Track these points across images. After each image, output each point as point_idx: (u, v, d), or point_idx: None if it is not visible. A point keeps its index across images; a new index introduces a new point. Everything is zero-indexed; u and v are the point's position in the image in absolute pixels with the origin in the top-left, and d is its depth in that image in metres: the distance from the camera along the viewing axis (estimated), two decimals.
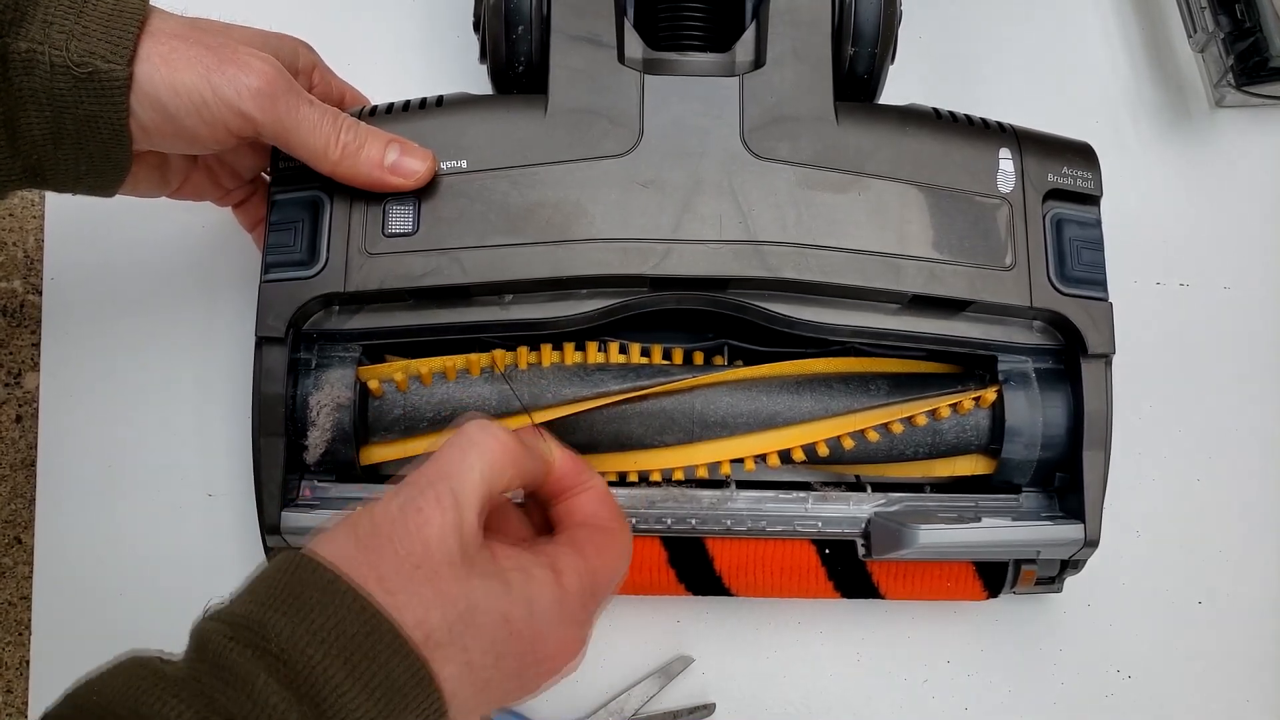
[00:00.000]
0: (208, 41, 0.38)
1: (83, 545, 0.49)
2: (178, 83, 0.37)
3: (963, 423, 0.44)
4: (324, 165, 0.41)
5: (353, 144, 0.41)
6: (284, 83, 0.39)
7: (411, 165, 0.42)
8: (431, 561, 0.31)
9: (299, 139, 0.40)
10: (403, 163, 0.42)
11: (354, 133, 0.41)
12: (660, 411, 0.44)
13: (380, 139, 0.41)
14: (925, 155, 0.43)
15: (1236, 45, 0.51)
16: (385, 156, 0.41)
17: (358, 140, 0.41)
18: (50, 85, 0.36)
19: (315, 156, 0.41)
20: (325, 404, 0.42)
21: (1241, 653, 0.50)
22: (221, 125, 0.39)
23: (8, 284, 0.52)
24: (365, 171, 0.41)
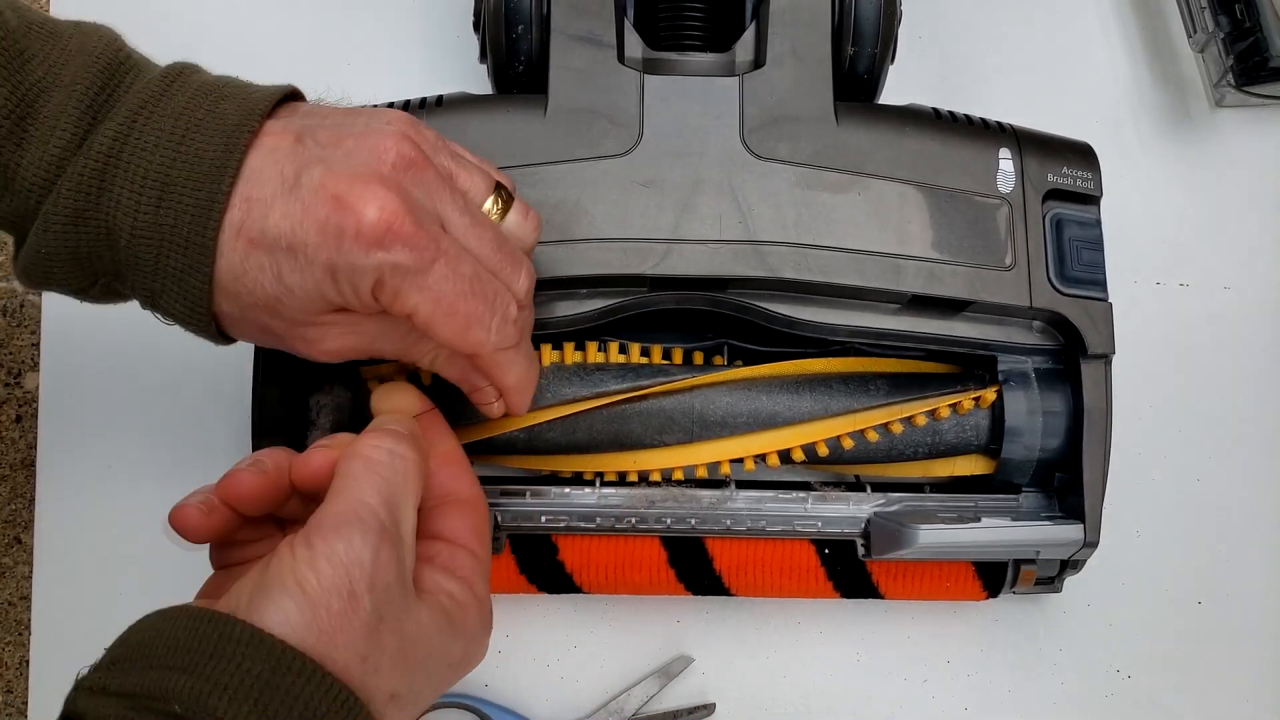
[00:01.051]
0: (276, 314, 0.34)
1: (83, 545, 0.49)
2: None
3: (962, 423, 0.44)
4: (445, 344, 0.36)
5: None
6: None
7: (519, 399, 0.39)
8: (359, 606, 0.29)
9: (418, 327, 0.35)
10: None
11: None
12: (660, 411, 0.44)
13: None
14: (925, 155, 0.43)
15: (1236, 45, 0.51)
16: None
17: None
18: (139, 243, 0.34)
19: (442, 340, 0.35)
20: (325, 404, 0.42)
21: (1241, 653, 0.50)
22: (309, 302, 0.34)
23: (8, 284, 0.52)
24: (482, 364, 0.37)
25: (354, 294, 0.33)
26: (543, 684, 0.48)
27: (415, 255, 0.33)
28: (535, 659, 0.49)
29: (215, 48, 0.54)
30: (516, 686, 0.48)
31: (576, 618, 0.49)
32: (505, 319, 0.35)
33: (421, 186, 0.34)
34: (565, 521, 0.44)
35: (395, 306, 0.33)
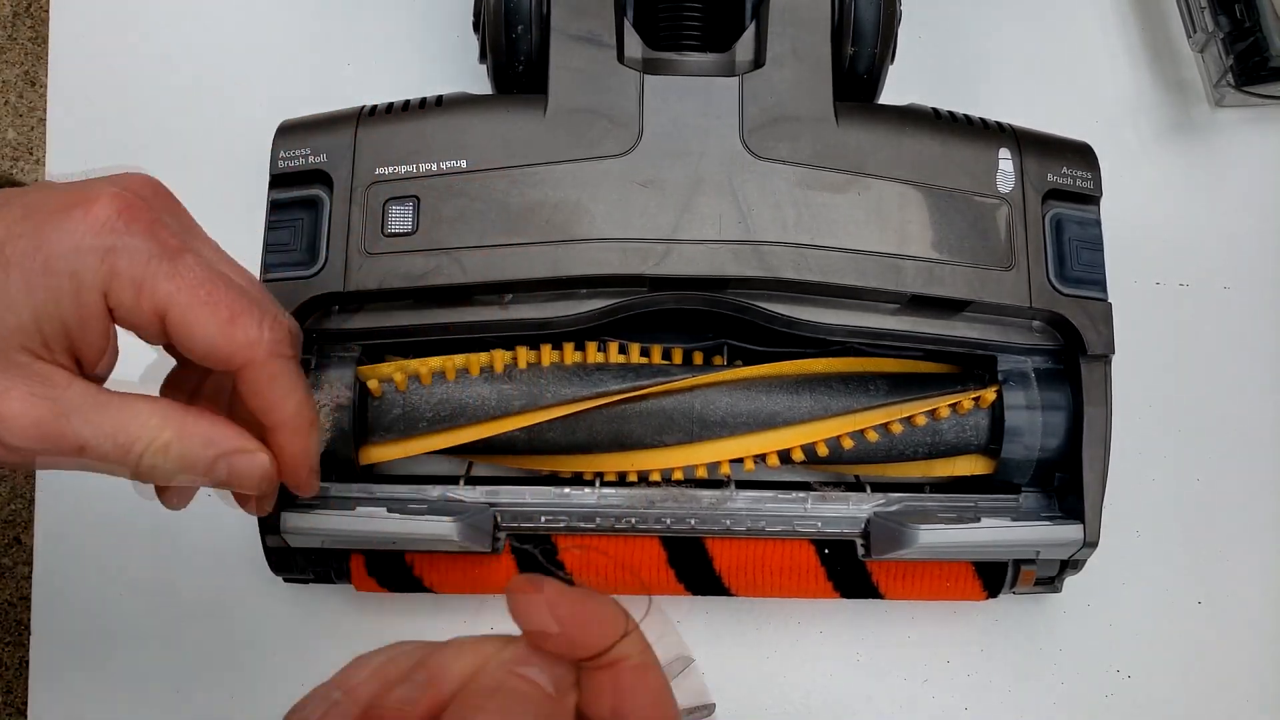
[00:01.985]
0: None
1: (83, 545, 0.49)
2: None
3: (962, 423, 0.44)
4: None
5: (157, 469, 0.31)
6: (42, 435, 0.29)
7: (247, 473, 0.32)
8: None
9: (92, 469, 0.31)
10: (235, 474, 0.33)
11: (161, 459, 0.31)
12: (660, 411, 0.44)
13: (199, 460, 0.32)
14: (925, 155, 0.44)
15: (1236, 45, 0.51)
16: (215, 471, 0.32)
17: (163, 467, 0.31)
18: None
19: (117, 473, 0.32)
20: (325, 404, 0.42)
21: (1241, 653, 0.50)
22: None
23: None
24: (201, 483, 0.32)
25: (75, 302, 0.28)
26: None
27: (157, 242, 0.29)
28: None
29: (215, 48, 0.54)
30: None
31: None
32: (278, 322, 0.31)
33: (166, 213, 0.31)
34: (565, 521, 0.44)
35: (142, 303, 0.29)
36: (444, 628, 0.49)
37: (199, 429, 0.31)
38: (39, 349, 0.30)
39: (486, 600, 0.49)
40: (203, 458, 0.31)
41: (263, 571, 0.46)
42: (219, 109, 0.53)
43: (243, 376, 0.32)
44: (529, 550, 0.44)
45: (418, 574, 0.45)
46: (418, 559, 0.45)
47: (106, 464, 0.30)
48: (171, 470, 0.31)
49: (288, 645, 0.49)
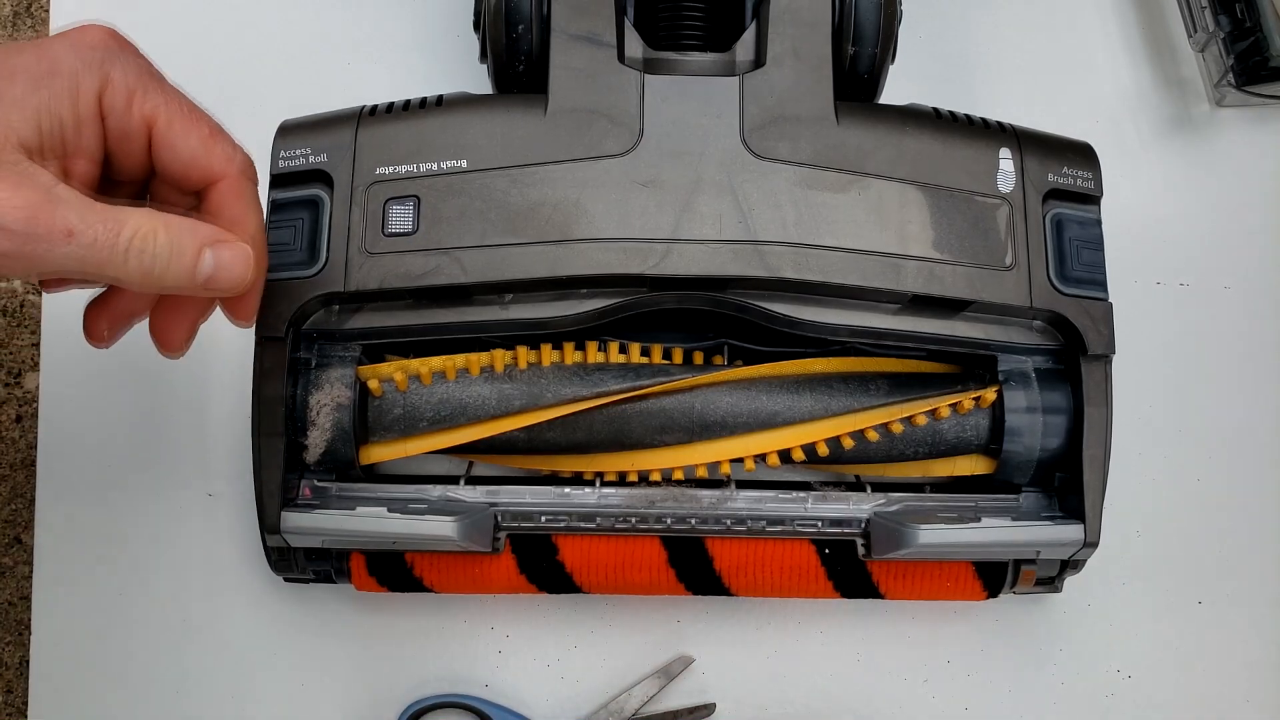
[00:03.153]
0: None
1: (83, 545, 0.49)
2: None
3: (963, 423, 0.44)
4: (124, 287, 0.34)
5: (152, 263, 0.32)
6: (30, 232, 0.30)
7: (231, 276, 0.34)
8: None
9: (79, 272, 0.32)
10: (219, 277, 0.34)
11: (150, 243, 0.32)
12: (660, 411, 0.44)
13: (188, 247, 0.33)
14: (925, 155, 0.43)
15: (1237, 45, 0.51)
16: (198, 270, 0.33)
17: (158, 255, 0.32)
18: None
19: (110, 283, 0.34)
20: (325, 403, 0.42)
21: (1241, 653, 0.50)
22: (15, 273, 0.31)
23: (8, 284, 0.52)
24: (175, 289, 0.34)
25: (73, 102, 0.32)
26: (543, 684, 0.48)
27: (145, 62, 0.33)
28: (535, 659, 0.49)
29: (215, 48, 0.54)
30: (516, 686, 0.48)
31: (576, 618, 0.49)
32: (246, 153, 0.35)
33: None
34: (565, 521, 0.44)
35: (133, 110, 0.32)
36: (444, 628, 0.49)
37: (184, 222, 0.33)
38: (33, 151, 0.32)
39: (487, 600, 0.49)
40: (190, 245, 0.33)
41: (263, 571, 0.46)
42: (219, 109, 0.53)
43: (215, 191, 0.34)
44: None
45: (418, 574, 0.45)
46: (418, 559, 0.45)
47: (95, 254, 0.31)
48: (160, 261, 0.32)
49: (288, 645, 0.49)
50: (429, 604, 0.49)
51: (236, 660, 0.48)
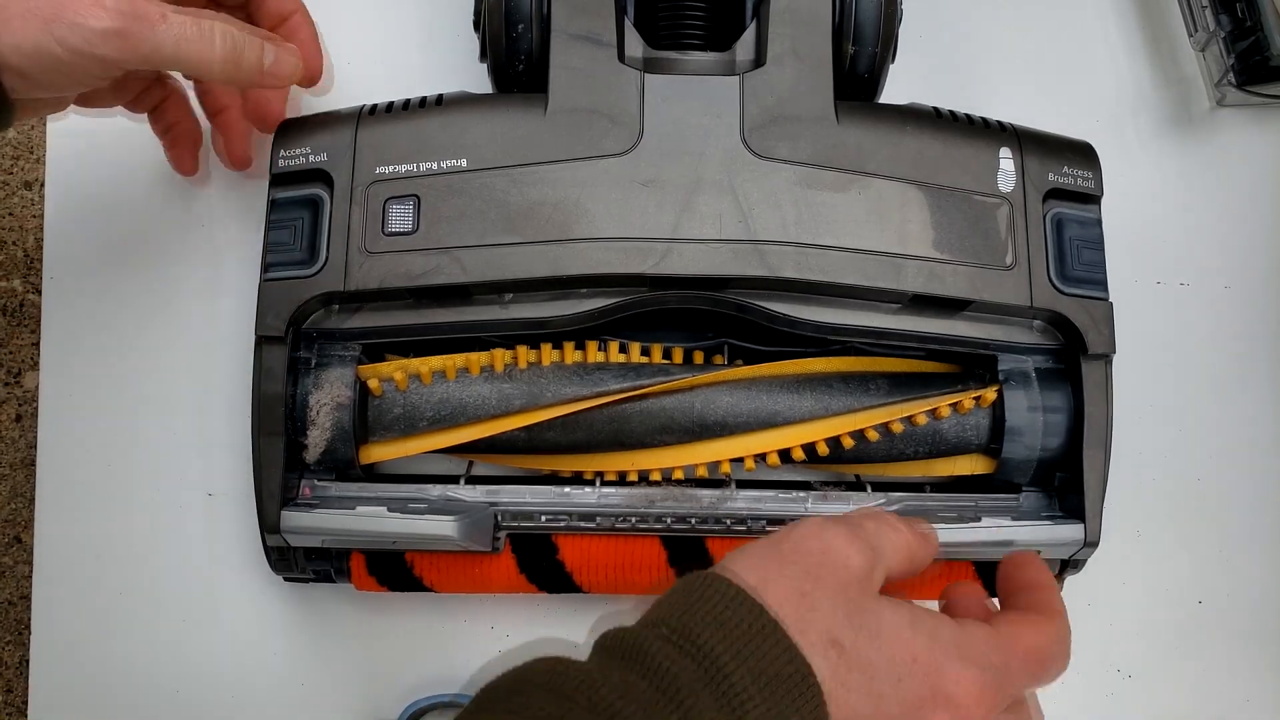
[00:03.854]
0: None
1: (83, 545, 0.49)
2: (21, 43, 0.35)
3: (963, 422, 0.44)
4: (208, 75, 0.39)
5: (233, 50, 0.39)
6: (130, 9, 0.36)
7: (287, 67, 0.41)
8: (847, 588, 0.32)
9: (172, 60, 0.38)
10: (281, 63, 0.41)
11: (230, 36, 0.39)
12: (660, 411, 0.44)
13: (255, 39, 0.40)
14: (926, 154, 0.43)
15: (1237, 44, 0.51)
16: (264, 58, 0.40)
17: (236, 43, 0.39)
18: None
19: (199, 69, 0.39)
20: (325, 403, 0.42)
21: (1241, 653, 0.50)
22: (84, 73, 0.36)
23: (8, 283, 0.52)
24: (248, 75, 0.40)
25: None
26: None
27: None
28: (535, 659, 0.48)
29: None
30: None
31: (577, 618, 0.49)
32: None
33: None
34: (565, 521, 0.44)
35: None
36: (444, 628, 0.49)
37: (244, 24, 0.40)
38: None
39: (487, 600, 0.49)
40: (253, 40, 0.40)
41: (263, 571, 0.46)
42: None
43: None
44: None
45: (418, 573, 0.45)
46: (418, 558, 0.45)
47: (186, 37, 0.37)
48: (239, 47, 0.39)
49: (288, 645, 0.49)
50: (429, 604, 0.48)
51: (236, 660, 0.48)
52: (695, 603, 0.31)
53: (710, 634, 0.29)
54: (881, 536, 0.34)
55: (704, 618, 0.30)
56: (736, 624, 0.30)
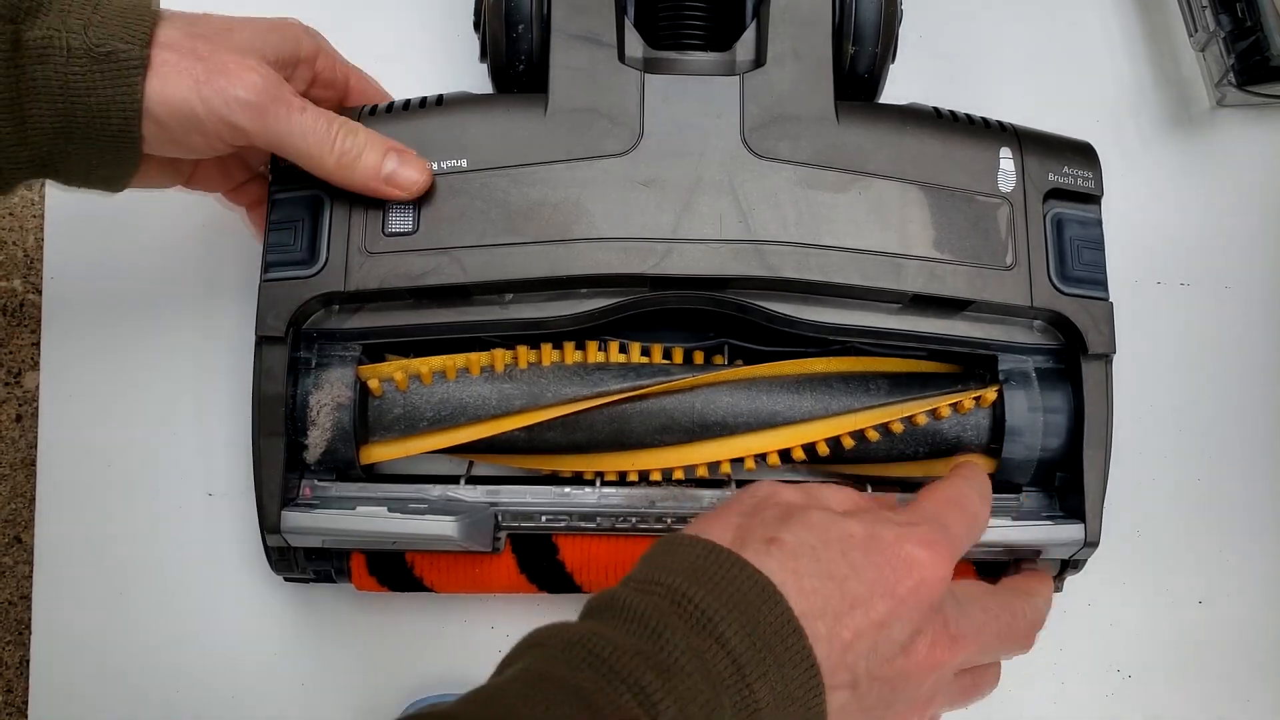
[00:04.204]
0: (200, 50, 0.38)
1: (83, 545, 0.49)
2: (169, 95, 0.37)
3: (963, 422, 0.44)
4: (320, 172, 0.41)
5: (350, 152, 0.41)
6: (274, 92, 0.39)
7: (409, 176, 0.41)
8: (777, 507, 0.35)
9: (293, 147, 0.40)
10: (399, 173, 0.41)
11: (352, 140, 0.41)
12: (660, 411, 0.44)
13: (378, 147, 0.41)
14: (926, 154, 0.43)
15: (1237, 44, 0.51)
16: (384, 166, 0.41)
17: (355, 148, 0.41)
18: (65, 73, 0.36)
19: (312, 163, 0.41)
20: (325, 403, 0.42)
21: (1241, 653, 0.50)
22: (215, 136, 0.39)
23: (8, 283, 0.52)
24: (362, 180, 0.41)
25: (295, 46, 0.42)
26: None
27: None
28: None
29: None
30: None
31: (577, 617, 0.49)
32: None
33: None
34: (566, 521, 0.44)
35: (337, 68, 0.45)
36: (444, 628, 0.49)
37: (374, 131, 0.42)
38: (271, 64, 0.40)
39: (487, 600, 0.49)
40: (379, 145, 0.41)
41: (263, 571, 0.46)
42: None
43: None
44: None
45: (418, 574, 0.45)
46: (418, 559, 0.45)
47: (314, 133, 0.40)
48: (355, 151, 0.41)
49: (288, 645, 0.49)
50: (429, 604, 0.48)
51: (236, 660, 0.48)
52: (652, 557, 0.33)
53: (670, 575, 0.31)
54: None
55: (660, 564, 0.32)
56: (688, 559, 0.32)
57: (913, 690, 0.34)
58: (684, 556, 0.32)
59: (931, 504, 0.37)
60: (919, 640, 0.34)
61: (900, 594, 0.33)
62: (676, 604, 0.31)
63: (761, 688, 0.30)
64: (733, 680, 0.29)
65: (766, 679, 0.30)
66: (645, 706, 0.28)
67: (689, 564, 0.32)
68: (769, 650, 0.30)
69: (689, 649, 0.29)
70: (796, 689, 0.30)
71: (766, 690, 0.30)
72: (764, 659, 0.30)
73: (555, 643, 0.30)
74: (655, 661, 0.29)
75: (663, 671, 0.29)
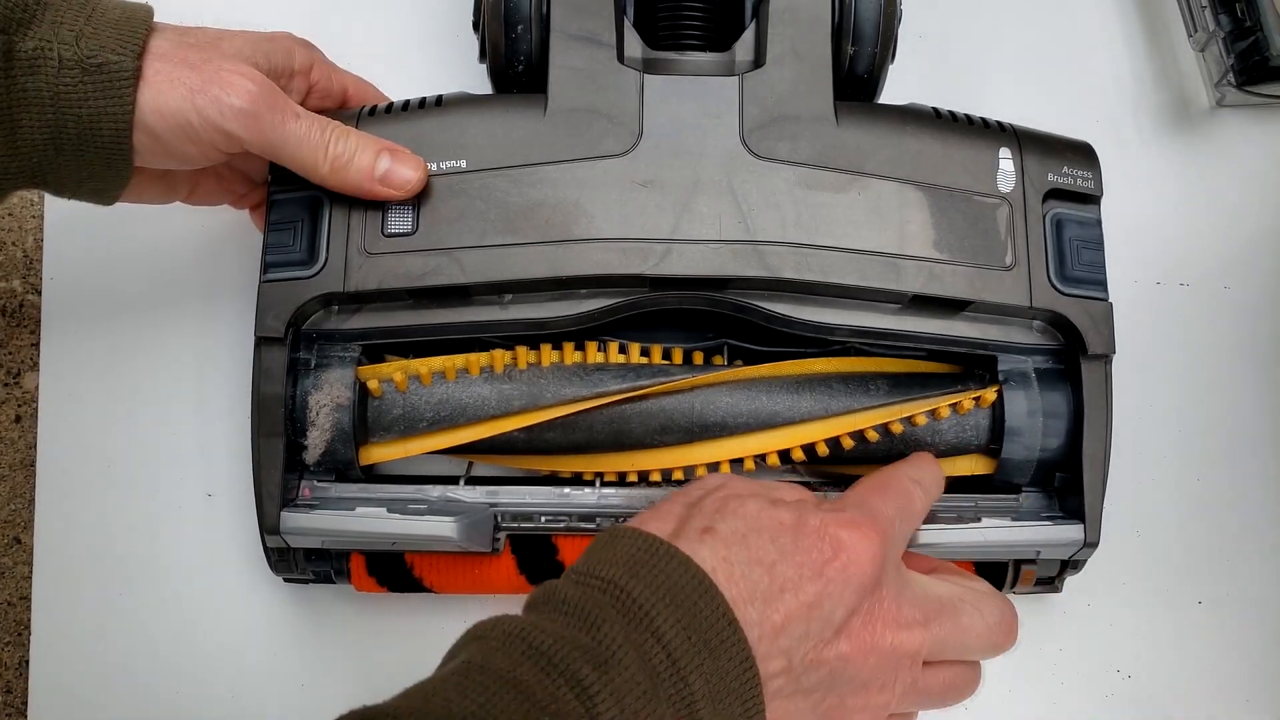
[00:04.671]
0: (193, 59, 0.38)
1: (83, 545, 0.49)
2: (163, 105, 0.37)
3: (963, 423, 0.44)
4: (315, 178, 0.41)
5: (343, 155, 0.41)
6: (268, 99, 0.39)
7: (403, 174, 0.41)
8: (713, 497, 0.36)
9: (288, 154, 0.40)
10: (394, 172, 0.41)
11: (344, 143, 0.41)
12: (660, 411, 0.44)
13: (371, 148, 0.41)
14: (925, 155, 0.43)
15: (1237, 45, 0.51)
16: (376, 167, 0.41)
17: (348, 151, 0.41)
18: (55, 84, 0.36)
19: (306, 170, 0.41)
20: (325, 404, 0.42)
21: (1241, 653, 0.50)
22: (209, 144, 0.39)
23: (7, 284, 0.52)
24: (356, 183, 0.41)
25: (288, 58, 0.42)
26: None
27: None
28: None
29: None
30: None
31: None
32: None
33: None
34: (565, 522, 0.44)
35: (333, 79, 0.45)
36: (444, 628, 0.49)
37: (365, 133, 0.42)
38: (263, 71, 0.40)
39: (487, 600, 0.49)
40: (371, 147, 0.41)
41: (263, 572, 0.46)
42: None
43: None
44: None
45: (418, 574, 0.45)
46: (418, 559, 0.45)
47: (309, 139, 0.40)
48: (348, 154, 0.41)
49: (287, 645, 0.49)
50: (428, 604, 0.48)
51: (236, 660, 0.48)
52: (593, 550, 0.34)
53: (608, 568, 0.32)
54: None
55: (600, 557, 0.33)
56: (627, 552, 0.33)
57: (855, 674, 0.34)
58: (624, 549, 0.33)
59: (860, 489, 0.39)
60: (853, 619, 0.34)
61: (829, 575, 0.34)
62: (614, 597, 0.31)
63: (696, 680, 0.30)
64: (668, 673, 0.30)
65: (701, 670, 0.30)
66: (583, 700, 0.28)
67: (628, 556, 0.32)
68: (704, 643, 0.31)
69: (626, 642, 0.30)
70: (732, 680, 0.31)
71: (701, 682, 0.30)
72: (699, 651, 0.31)
73: (495, 635, 0.31)
74: (593, 655, 0.29)
75: (600, 665, 0.29)
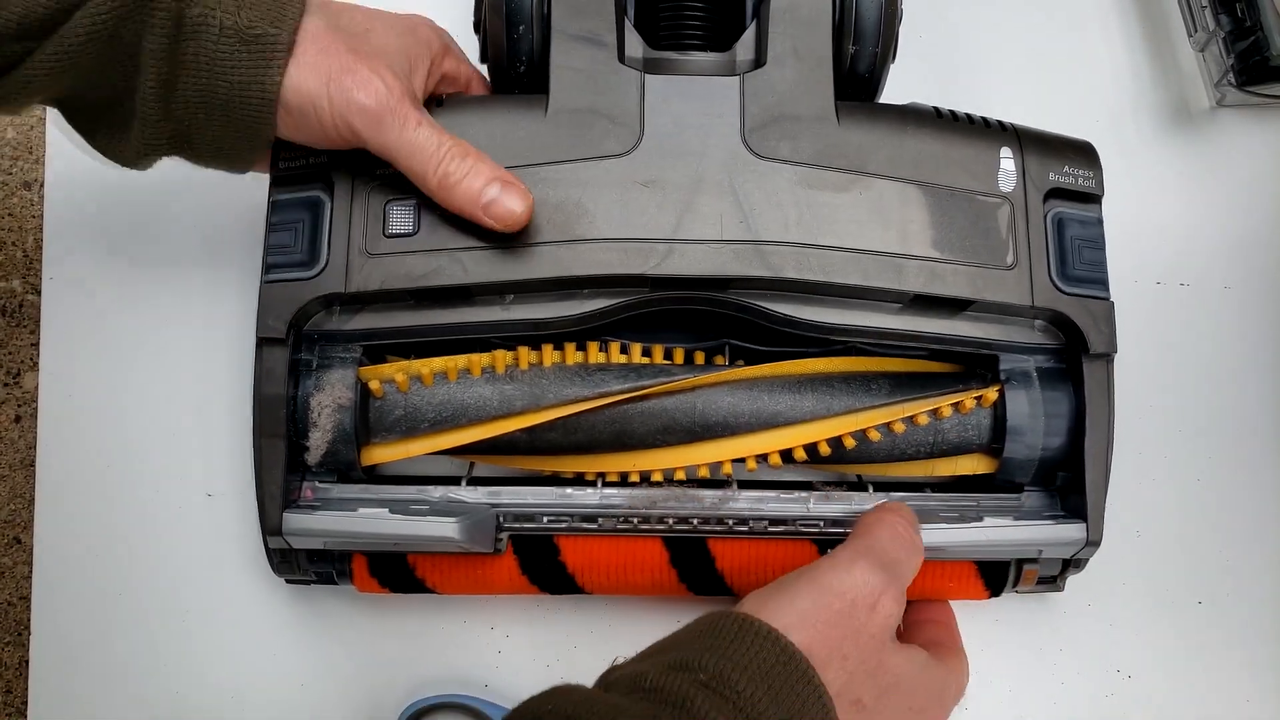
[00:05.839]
0: (338, 47, 0.39)
1: (83, 545, 0.49)
2: (301, 84, 0.39)
3: (964, 422, 0.44)
4: (424, 189, 0.41)
5: (452, 175, 0.40)
6: (392, 104, 0.39)
7: (507, 208, 0.40)
8: (875, 638, 0.35)
9: (402, 160, 0.40)
10: (499, 203, 0.40)
11: (458, 164, 0.40)
12: (661, 411, 0.44)
13: (483, 174, 0.40)
14: (926, 154, 0.43)
15: (1237, 44, 0.51)
16: (484, 194, 0.40)
17: (458, 172, 0.40)
18: (213, 49, 0.38)
19: (415, 179, 0.41)
20: (326, 405, 0.42)
21: (1241, 653, 0.50)
22: (333, 130, 0.40)
23: (7, 284, 0.52)
24: (460, 205, 0.41)
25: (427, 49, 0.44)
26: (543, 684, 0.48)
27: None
28: (535, 659, 0.49)
29: None
30: (516, 686, 0.48)
31: (577, 618, 0.49)
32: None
33: None
34: (567, 522, 0.44)
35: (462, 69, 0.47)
36: (445, 629, 0.49)
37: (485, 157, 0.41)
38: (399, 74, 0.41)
39: (487, 601, 0.49)
40: (484, 173, 0.41)
41: (264, 572, 0.46)
42: None
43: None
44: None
45: (420, 575, 0.45)
46: (419, 560, 0.45)
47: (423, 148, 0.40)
48: (457, 175, 0.40)
49: (288, 646, 0.49)
50: (429, 604, 0.48)
51: (236, 660, 0.48)
52: (728, 645, 0.32)
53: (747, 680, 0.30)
54: (908, 566, 0.38)
55: (739, 662, 0.31)
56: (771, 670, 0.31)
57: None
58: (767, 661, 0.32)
59: (957, 683, 0.41)
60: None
61: None
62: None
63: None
64: None
65: None
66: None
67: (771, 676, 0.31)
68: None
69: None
70: None
71: None
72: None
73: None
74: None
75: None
